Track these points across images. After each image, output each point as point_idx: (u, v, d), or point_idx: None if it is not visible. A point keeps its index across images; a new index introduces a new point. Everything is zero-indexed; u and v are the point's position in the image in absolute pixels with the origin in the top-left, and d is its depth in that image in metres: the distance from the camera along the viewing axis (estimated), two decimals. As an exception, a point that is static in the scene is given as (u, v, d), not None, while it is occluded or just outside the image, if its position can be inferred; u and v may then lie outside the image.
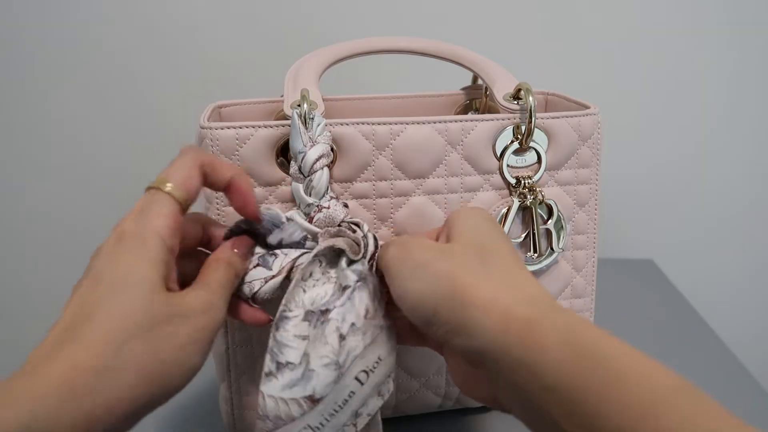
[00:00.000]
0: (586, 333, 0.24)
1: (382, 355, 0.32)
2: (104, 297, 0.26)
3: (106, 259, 0.27)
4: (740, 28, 0.72)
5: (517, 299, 0.26)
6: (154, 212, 0.29)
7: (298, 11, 0.71)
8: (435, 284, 0.28)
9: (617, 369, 0.22)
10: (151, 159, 0.76)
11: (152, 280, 0.27)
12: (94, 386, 0.24)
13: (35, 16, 0.71)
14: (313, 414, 0.30)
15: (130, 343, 0.25)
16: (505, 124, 0.40)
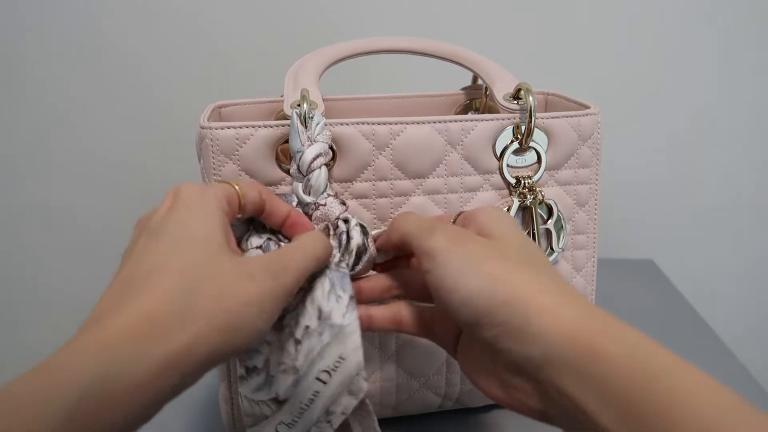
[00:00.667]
0: (648, 347, 0.24)
1: (344, 354, 0.31)
2: (169, 250, 0.26)
3: (165, 218, 0.27)
4: (740, 27, 0.72)
5: (578, 311, 0.26)
6: (214, 185, 0.30)
7: (298, 11, 0.71)
8: (493, 285, 0.27)
9: (680, 384, 0.22)
10: (151, 158, 0.76)
11: (215, 236, 0.27)
12: (168, 332, 0.24)
13: (38, 14, 0.71)
14: (283, 412, 0.32)
15: (199, 292, 0.25)
16: (505, 124, 0.40)
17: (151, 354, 0.23)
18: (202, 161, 0.39)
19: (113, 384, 0.22)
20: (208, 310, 0.25)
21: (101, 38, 0.72)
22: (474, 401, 0.46)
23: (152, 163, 0.76)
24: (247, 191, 0.32)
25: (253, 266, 0.28)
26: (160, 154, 0.75)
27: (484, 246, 0.30)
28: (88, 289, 0.84)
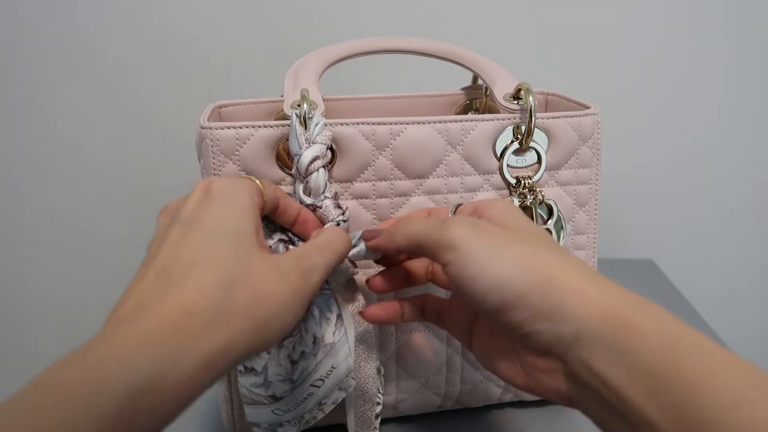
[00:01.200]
0: (677, 324, 0.25)
1: (335, 364, 0.34)
2: (205, 244, 0.26)
3: (197, 210, 0.27)
4: (740, 27, 0.72)
5: (608, 290, 0.26)
6: (242, 179, 0.30)
7: (298, 11, 0.71)
8: (522, 269, 0.27)
9: (709, 356, 0.23)
10: (151, 159, 0.76)
11: (247, 231, 0.27)
12: (210, 329, 0.24)
13: (35, 16, 0.71)
14: (279, 404, 0.35)
15: (238, 288, 0.25)
16: (505, 124, 0.40)
17: (194, 351, 0.23)
18: (202, 161, 0.39)
19: (160, 380, 0.22)
20: (245, 307, 0.25)
21: (101, 38, 0.72)
22: (474, 401, 0.46)
23: (152, 164, 0.76)
24: (267, 189, 0.32)
25: (284, 264, 0.28)
26: (160, 154, 0.75)
27: (504, 232, 0.30)
28: (88, 291, 0.84)
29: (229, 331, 0.24)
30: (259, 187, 0.31)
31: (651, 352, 0.24)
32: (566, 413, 0.47)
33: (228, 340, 0.24)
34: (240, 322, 0.25)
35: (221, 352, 0.24)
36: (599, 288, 0.26)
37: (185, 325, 0.23)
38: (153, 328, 0.23)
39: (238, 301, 0.25)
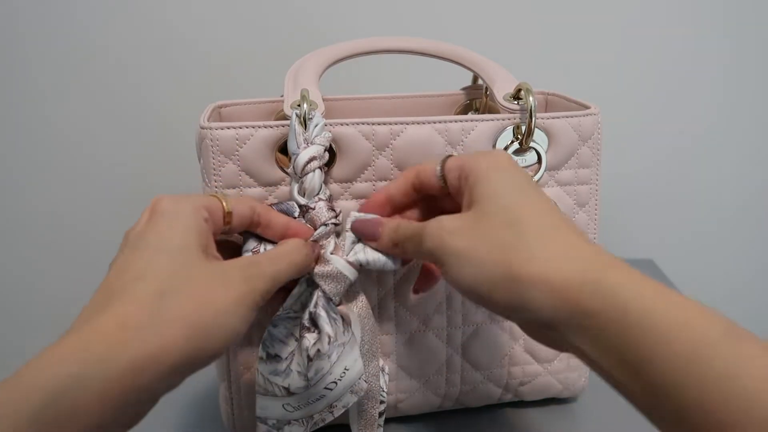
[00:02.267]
0: (628, 289, 0.25)
1: (348, 365, 0.35)
2: (145, 259, 0.27)
3: (143, 231, 0.29)
4: (739, 27, 0.72)
5: (562, 269, 0.27)
6: (191, 195, 0.31)
7: (298, 11, 0.71)
8: (483, 267, 0.28)
9: (660, 322, 0.24)
10: (151, 159, 0.76)
11: (189, 245, 0.29)
12: (142, 336, 0.25)
13: (35, 16, 0.71)
14: (291, 399, 0.35)
15: (176, 298, 0.26)
16: (505, 125, 0.40)
17: (121, 357, 0.24)
18: (202, 161, 0.39)
19: (80, 388, 0.23)
20: (181, 316, 0.26)
21: (100, 38, 0.72)
22: (474, 401, 0.46)
23: (152, 164, 0.76)
24: (237, 206, 0.33)
25: (228, 271, 0.29)
26: (160, 154, 0.75)
27: (467, 229, 0.30)
28: (88, 291, 0.84)
29: (162, 337, 0.25)
30: (219, 205, 0.32)
31: (607, 332, 0.25)
32: (566, 413, 0.47)
33: (160, 345, 0.25)
34: (175, 328, 0.26)
35: (153, 358, 0.25)
36: (559, 270, 0.27)
37: (116, 333, 0.25)
38: (83, 340, 0.24)
39: (174, 308, 0.26)
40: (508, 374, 0.45)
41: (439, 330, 0.43)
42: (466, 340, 0.44)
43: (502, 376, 0.45)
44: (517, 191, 0.30)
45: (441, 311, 0.43)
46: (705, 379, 0.22)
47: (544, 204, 0.30)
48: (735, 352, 0.22)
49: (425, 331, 0.43)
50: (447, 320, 0.43)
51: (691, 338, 0.23)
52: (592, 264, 0.27)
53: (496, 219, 0.29)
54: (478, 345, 0.44)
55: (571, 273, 0.26)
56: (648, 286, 0.25)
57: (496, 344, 0.44)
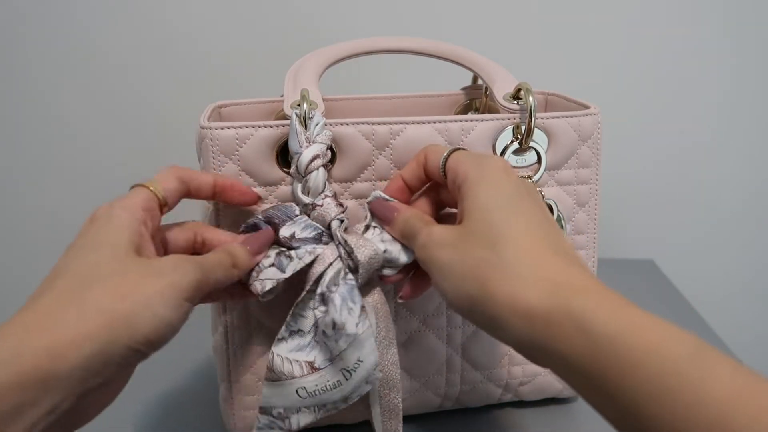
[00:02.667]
0: (596, 316, 0.25)
1: (362, 357, 0.34)
2: (72, 258, 0.29)
3: (77, 236, 0.30)
4: (740, 27, 0.72)
5: (532, 293, 0.27)
6: (126, 197, 0.32)
7: (298, 11, 0.71)
8: (463, 282, 0.29)
9: (629, 348, 0.23)
10: (151, 159, 0.76)
11: (120, 243, 0.29)
12: (54, 323, 0.26)
13: (34, 16, 0.71)
14: (310, 380, 0.35)
15: (94, 289, 0.27)
16: (505, 124, 0.40)
17: (36, 342, 0.25)
18: (202, 161, 0.39)
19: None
20: (102, 305, 0.27)
21: (100, 38, 0.72)
22: (474, 401, 0.46)
23: (152, 164, 0.75)
24: (164, 183, 0.34)
25: (159, 264, 0.30)
26: (161, 154, 0.75)
27: (450, 245, 0.31)
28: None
29: (80, 324, 0.26)
30: (151, 194, 0.33)
31: (576, 356, 0.25)
32: (566, 413, 0.47)
33: (81, 333, 0.26)
34: (94, 317, 0.26)
35: (72, 344, 0.25)
36: (529, 293, 0.27)
37: (34, 322, 0.26)
38: (6, 330, 0.25)
39: (94, 298, 0.27)
40: (508, 374, 0.45)
41: (439, 330, 0.43)
42: (466, 340, 0.44)
43: (501, 376, 0.45)
44: (505, 206, 0.31)
45: (441, 311, 0.43)
46: (673, 406, 0.22)
47: (531, 218, 0.30)
48: (701, 377, 0.22)
49: (425, 331, 0.43)
50: (447, 320, 0.43)
51: (659, 366, 0.23)
52: (563, 288, 0.27)
53: (481, 237, 0.30)
54: (478, 345, 0.44)
55: (540, 297, 0.26)
56: (617, 311, 0.25)
57: (496, 344, 0.44)
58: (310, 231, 0.36)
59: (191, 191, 0.35)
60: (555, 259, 0.28)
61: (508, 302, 0.27)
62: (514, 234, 0.29)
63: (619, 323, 0.24)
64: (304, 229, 0.36)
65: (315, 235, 0.36)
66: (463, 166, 0.33)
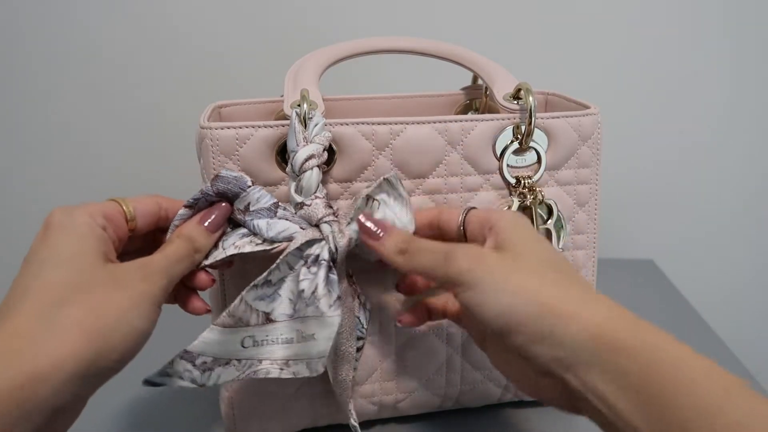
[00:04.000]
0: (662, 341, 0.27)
1: (317, 335, 0.34)
2: (37, 272, 0.28)
3: (36, 245, 0.29)
4: (740, 27, 0.72)
5: (601, 312, 0.28)
6: (86, 204, 0.31)
7: (298, 11, 0.71)
8: (520, 298, 0.29)
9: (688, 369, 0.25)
10: (150, 159, 0.76)
11: (83, 253, 0.29)
12: (37, 347, 0.25)
13: (35, 16, 0.71)
14: (261, 329, 0.35)
15: (68, 306, 0.27)
16: (505, 124, 0.40)
17: (18, 368, 0.24)
18: (202, 161, 0.39)
19: None
20: (77, 322, 0.26)
21: (97, 42, 0.72)
22: (474, 401, 0.46)
23: (152, 164, 0.76)
24: (140, 205, 0.34)
25: (126, 273, 0.29)
26: (160, 154, 0.75)
27: (506, 261, 0.31)
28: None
29: (59, 345, 0.25)
30: (119, 209, 0.33)
31: (635, 370, 0.26)
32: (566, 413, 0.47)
33: (60, 354, 0.25)
34: (73, 335, 0.26)
35: (53, 366, 0.25)
36: (592, 311, 0.28)
37: (9, 346, 0.25)
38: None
39: (69, 316, 0.26)
40: (508, 374, 0.45)
41: (439, 330, 0.43)
42: (466, 340, 0.44)
43: (501, 376, 0.45)
44: (543, 243, 0.33)
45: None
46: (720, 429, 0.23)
47: (562, 257, 0.33)
48: (749, 406, 0.24)
49: (425, 331, 0.43)
50: (447, 320, 0.43)
51: (713, 389, 0.24)
52: (622, 312, 0.29)
53: (530, 259, 0.31)
54: (478, 345, 0.44)
55: (606, 313, 0.28)
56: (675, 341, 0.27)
57: (496, 344, 0.44)
58: (265, 201, 0.35)
59: (170, 218, 0.35)
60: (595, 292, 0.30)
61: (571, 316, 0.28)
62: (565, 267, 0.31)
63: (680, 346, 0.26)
64: (259, 201, 0.35)
65: (271, 206, 0.35)
66: (493, 214, 0.34)
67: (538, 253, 0.31)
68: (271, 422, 0.43)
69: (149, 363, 0.34)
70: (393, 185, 0.37)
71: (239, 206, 0.35)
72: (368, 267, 0.41)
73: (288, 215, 0.36)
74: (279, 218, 0.35)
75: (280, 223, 0.35)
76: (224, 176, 0.35)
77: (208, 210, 0.35)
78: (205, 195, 0.35)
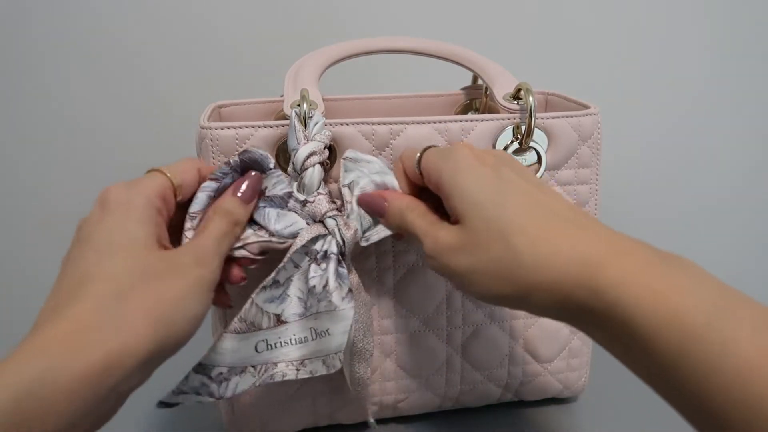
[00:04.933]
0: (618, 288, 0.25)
1: (332, 330, 0.34)
2: (98, 258, 0.28)
3: (93, 226, 0.29)
4: (740, 28, 0.72)
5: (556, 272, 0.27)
6: (141, 182, 0.31)
7: (298, 11, 0.71)
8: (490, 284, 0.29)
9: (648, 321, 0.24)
10: (150, 159, 0.76)
11: (141, 239, 0.29)
12: (101, 337, 0.25)
13: (35, 16, 0.71)
14: (274, 332, 0.35)
15: (131, 295, 0.27)
16: (505, 124, 0.40)
17: (85, 360, 0.24)
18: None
19: (50, 386, 0.23)
20: (143, 311, 0.26)
21: (100, 38, 0.72)
22: (474, 401, 0.46)
23: (152, 164, 0.76)
24: (182, 174, 0.33)
25: (182, 259, 0.29)
26: (160, 155, 0.75)
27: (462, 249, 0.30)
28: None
29: (127, 334, 0.26)
30: (168, 183, 0.32)
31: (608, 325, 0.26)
32: (566, 413, 0.47)
33: (125, 343, 0.25)
34: (137, 325, 0.26)
35: (124, 353, 0.25)
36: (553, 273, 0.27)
37: (75, 336, 0.25)
38: (46, 340, 0.24)
39: (134, 305, 0.26)
40: (508, 374, 0.45)
41: (439, 330, 0.43)
42: (466, 340, 0.44)
43: (502, 376, 0.45)
44: (493, 195, 0.30)
45: (441, 311, 0.43)
46: (696, 370, 0.22)
47: (522, 196, 0.30)
48: (721, 340, 0.22)
49: (425, 331, 0.43)
50: (447, 320, 0.43)
51: (679, 334, 0.23)
52: (584, 261, 0.27)
53: (487, 234, 0.29)
54: (478, 345, 0.44)
55: (561, 280, 0.27)
56: (639, 277, 0.25)
57: (496, 344, 0.44)
58: (281, 188, 0.35)
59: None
60: (563, 229, 0.28)
61: (536, 287, 0.27)
62: (516, 221, 0.29)
63: (641, 294, 0.25)
64: (275, 186, 0.35)
65: (284, 195, 0.35)
66: (434, 167, 0.33)
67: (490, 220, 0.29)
68: (271, 422, 0.43)
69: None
70: (354, 160, 0.37)
71: None
72: (369, 267, 0.41)
73: (297, 208, 0.36)
74: (289, 210, 0.36)
75: (288, 216, 0.35)
76: (252, 151, 0.35)
77: (239, 180, 0.35)
78: (233, 168, 0.35)
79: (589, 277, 0.26)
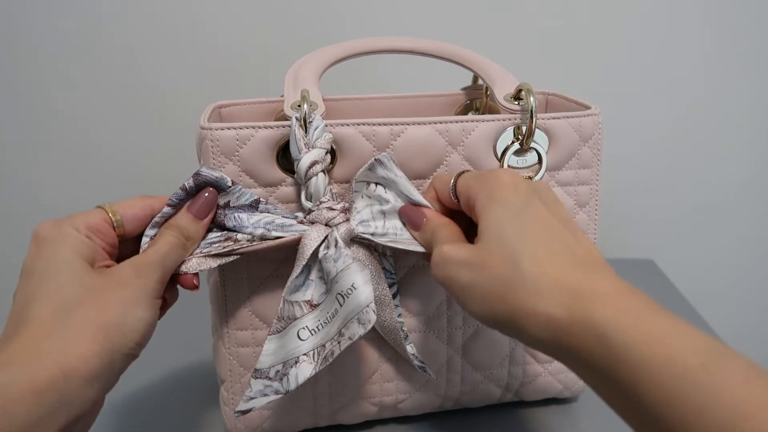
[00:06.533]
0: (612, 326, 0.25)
1: (356, 284, 0.34)
2: (40, 283, 0.30)
3: (31, 260, 0.31)
4: (741, 28, 0.72)
5: (555, 304, 0.27)
6: (71, 217, 0.33)
7: (298, 11, 0.71)
8: (485, 302, 0.30)
9: (643, 360, 0.24)
10: (150, 159, 0.76)
11: (77, 262, 0.31)
12: (59, 345, 0.27)
13: (35, 17, 0.71)
14: (310, 317, 0.36)
15: (77, 308, 0.29)
16: (505, 125, 0.40)
17: (51, 363, 0.27)
18: (202, 162, 0.38)
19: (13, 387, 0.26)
20: (90, 320, 0.29)
21: (101, 38, 0.72)
22: (474, 401, 0.46)
23: (152, 165, 0.76)
24: (125, 209, 0.34)
25: (119, 272, 0.32)
26: (160, 155, 0.75)
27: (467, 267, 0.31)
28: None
29: (82, 342, 0.28)
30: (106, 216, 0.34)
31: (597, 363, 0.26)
32: (567, 413, 0.47)
33: (85, 348, 0.28)
34: (89, 331, 0.28)
35: (81, 359, 0.28)
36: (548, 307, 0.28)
37: (35, 347, 0.27)
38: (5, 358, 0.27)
39: (82, 316, 0.29)
40: (509, 374, 0.45)
41: (439, 331, 0.43)
42: (466, 341, 0.44)
43: (502, 376, 0.45)
44: (516, 222, 0.31)
45: (441, 312, 0.43)
46: (684, 410, 0.22)
47: (545, 228, 0.31)
48: (714, 383, 0.22)
49: (426, 331, 0.43)
50: (447, 321, 0.43)
51: (673, 374, 0.23)
52: (583, 298, 0.27)
53: (498, 255, 0.30)
54: (478, 345, 0.44)
55: (559, 310, 0.27)
56: (636, 319, 0.26)
57: (497, 345, 0.44)
58: (246, 198, 0.36)
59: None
60: (574, 266, 0.29)
61: (531, 316, 0.28)
62: (530, 248, 0.30)
63: (636, 333, 0.25)
64: (239, 198, 0.36)
65: (252, 202, 0.36)
66: (472, 188, 0.34)
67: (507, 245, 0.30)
68: (271, 423, 0.43)
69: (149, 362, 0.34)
70: (386, 165, 0.37)
71: (219, 202, 0.36)
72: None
73: (270, 208, 0.37)
74: (260, 212, 0.37)
75: (260, 214, 0.36)
76: (205, 174, 0.35)
77: (195, 198, 0.36)
78: (188, 191, 0.36)
79: (584, 314, 0.26)
